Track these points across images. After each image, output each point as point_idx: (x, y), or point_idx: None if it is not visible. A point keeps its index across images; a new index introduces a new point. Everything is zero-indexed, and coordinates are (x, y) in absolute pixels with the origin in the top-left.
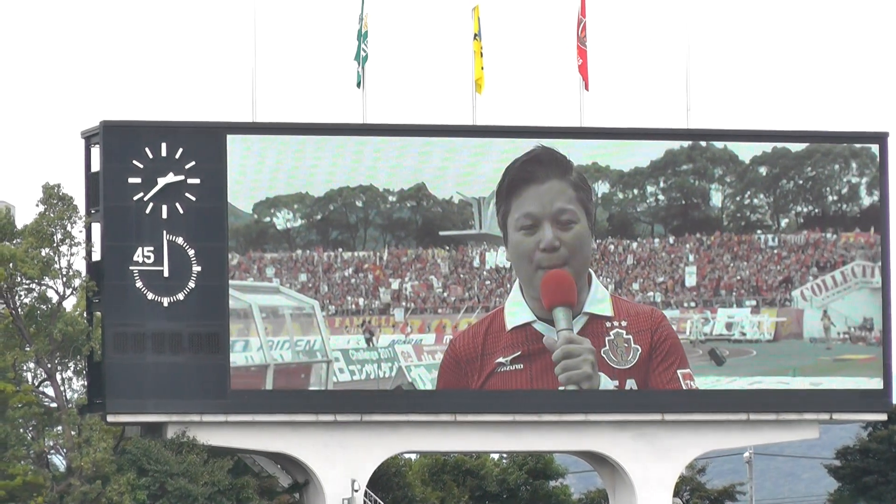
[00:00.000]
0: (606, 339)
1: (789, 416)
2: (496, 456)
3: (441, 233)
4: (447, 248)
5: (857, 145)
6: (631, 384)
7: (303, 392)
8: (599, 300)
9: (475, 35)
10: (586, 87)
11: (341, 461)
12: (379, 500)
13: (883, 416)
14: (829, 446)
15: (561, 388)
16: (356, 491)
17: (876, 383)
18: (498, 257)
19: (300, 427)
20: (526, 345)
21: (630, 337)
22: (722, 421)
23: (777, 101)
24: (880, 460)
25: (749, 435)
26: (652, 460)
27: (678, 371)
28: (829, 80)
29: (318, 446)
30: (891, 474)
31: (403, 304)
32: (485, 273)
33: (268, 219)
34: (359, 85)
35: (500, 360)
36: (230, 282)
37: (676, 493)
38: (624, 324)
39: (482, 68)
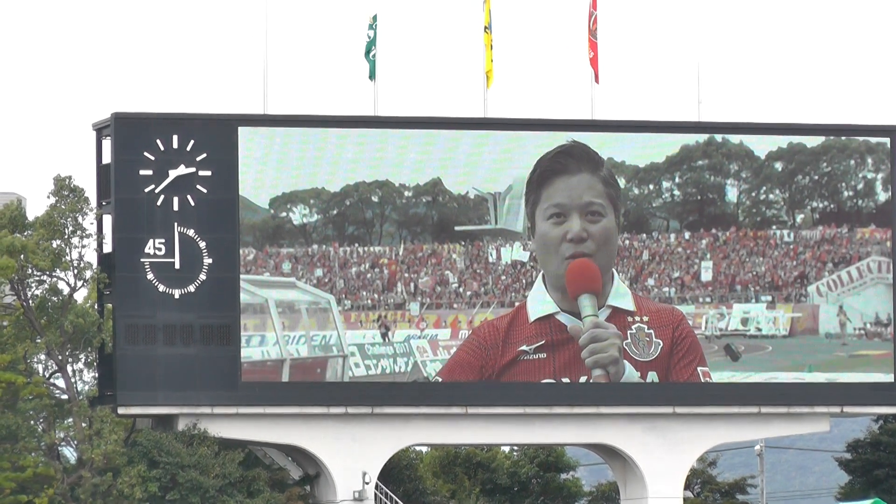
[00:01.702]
0: (629, 332)
1: (800, 410)
2: (507, 448)
3: (457, 228)
4: (463, 243)
5: (873, 140)
6: (652, 376)
7: (314, 384)
8: (622, 295)
9: (486, 27)
10: (597, 80)
11: (352, 453)
12: (390, 493)
13: (894, 410)
14: (840, 439)
15: (582, 379)
16: (367, 483)
17: (888, 377)
18: (514, 252)
19: (311, 419)
20: (549, 335)
21: (651, 331)
22: (733, 414)
23: (790, 95)
24: (891, 453)
25: (760, 428)
26: (663, 453)
27: (698, 368)
28: (843, 74)
29: (329, 439)
30: None
31: (419, 298)
32: (500, 268)
33: (284, 214)
34: (371, 77)
35: (524, 347)
36: (246, 276)
37: (687, 486)
38: (646, 319)
39: (492, 61)
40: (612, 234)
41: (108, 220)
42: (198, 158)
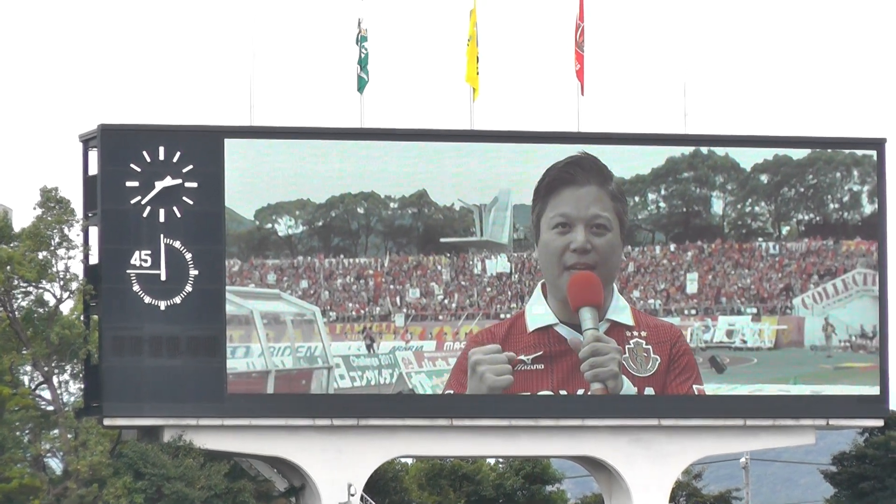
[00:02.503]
0: (627, 347)
1: (786, 422)
2: (492, 461)
3: (442, 240)
4: (448, 254)
5: (859, 153)
6: (649, 391)
7: (299, 396)
8: (621, 309)
9: (469, 38)
10: (582, 92)
11: (338, 465)
12: None
13: (879, 422)
14: (826, 452)
15: (580, 392)
16: (352, 495)
17: (873, 390)
18: (499, 264)
19: (297, 431)
20: (548, 346)
21: (650, 347)
22: (719, 426)
23: (775, 107)
24: (877, 466)
25: (746, 440)
26: (648, 465)
27: (694, 386)
28: (828, 87)
29: (315, 450)
30: (887, 480)
31: (404, 310)
32: (486, 280)
33: (269, 225)
34: (360, 90)
35: (522, 357)
36: (232, 288)
37: (673, 499)
38: (644, 334)
39: (477, 73)
40: (616, 248)
41: (94, 231)
42: (184, 170)
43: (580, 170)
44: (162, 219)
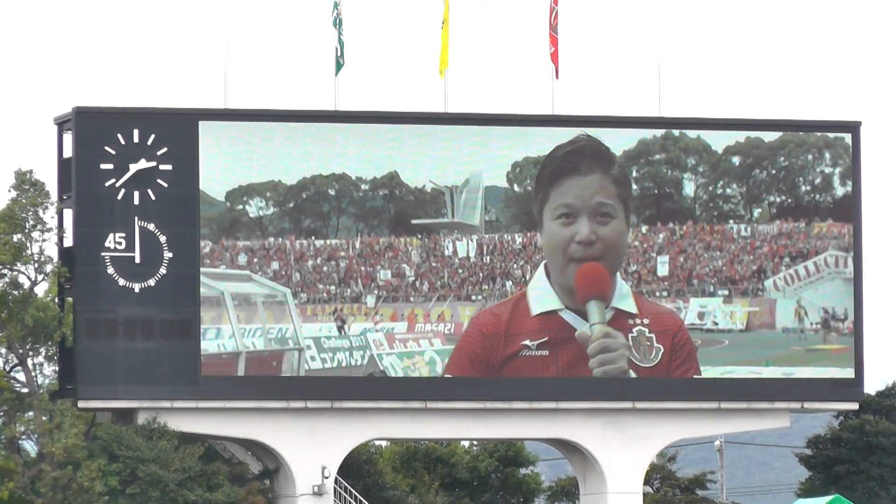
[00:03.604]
0: (629, 335)
1: (761, 405)
2: (467, 443)
3: (413, 221)
4: (419, 236)
5: (831, 135)
6: None
7: (273, 378)
8: (624, 296)
9: (443, 22)
10: (557, 75)
11: (312, 448)
12: (349, 487)
13: (854, 406)
14: (801, 435)
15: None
16: (326, 478)
17: (848, 373)
18: (470, 246)
19: (270, 414)
20: (553, 332)
21: (653, 336)
22: (693, 409)
23: (751, 90)
24: (852, 449)
25: (720, 423)
26: (622, 448)
27: (694, 377)
28: (804, 70)
29: (289, 433)
30: (862, 464)
31: (375, 292)
32: (457, 262)
33: (240, 206)
34: (337, 73)
35: (527, 342)
36: (203, 269)
37: (647, 481)
38: (646, 321)
39: (448, 56)
40: (622, 235)
41: (68, 214)
42: (158, 153)
43: (582, 158)
44: (136, 201)
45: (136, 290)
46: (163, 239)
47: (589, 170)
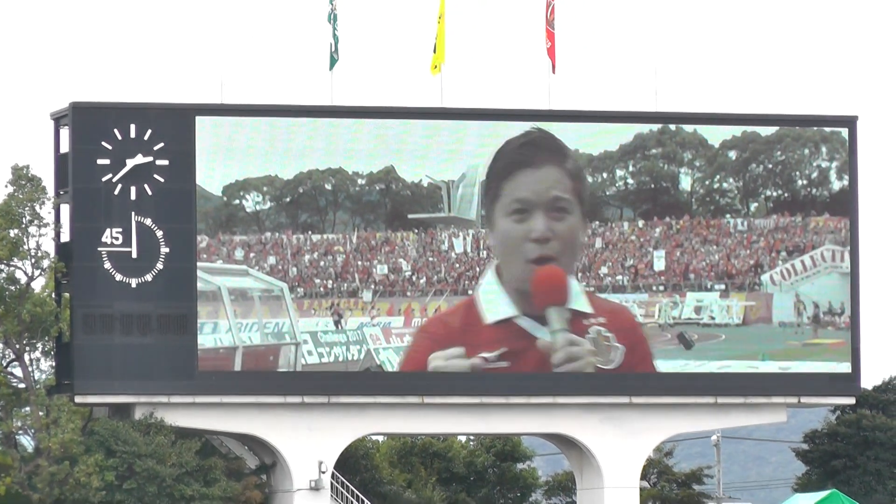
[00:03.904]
0: (587, 336)
1: (757, 400)
2: (464, 438)
3: (410, 216)
4: (416, 231)
5: (828, 129)
6: None
7: (270, 373)
8: (577, 295)
9: (440, 17)
10: (553, 70)
11: (309, 443)
12: (346, 482)
13: (851, 400)
14: (798, 430)
15: None
16: (323, 473)
17: (844, 367)
18: (467, 241)
19: (267, 409)
20: (511, 342)
21: (611, 335)
22: (690, 404)
23: (747, 85)
24: (848, 444)
25: (717, 418)
26: (619, 443)
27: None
28: (800, 65)
29: (286, 428)
30: (858, 458)
31: (372, 286)
32: (453, 256)
33: (237, 201)
34: (332, 68)
35: (485, 354)
36: (200, 264)
37: (644, 476)
38: (602, 321)
39: (444, 51)
40: (577, 232)
41: (65, 209)
42: (155, 148)
43: (536, 150)
44: (133, 196)
45: (133, 285)
46: (159, 234)
47: (543, 162)
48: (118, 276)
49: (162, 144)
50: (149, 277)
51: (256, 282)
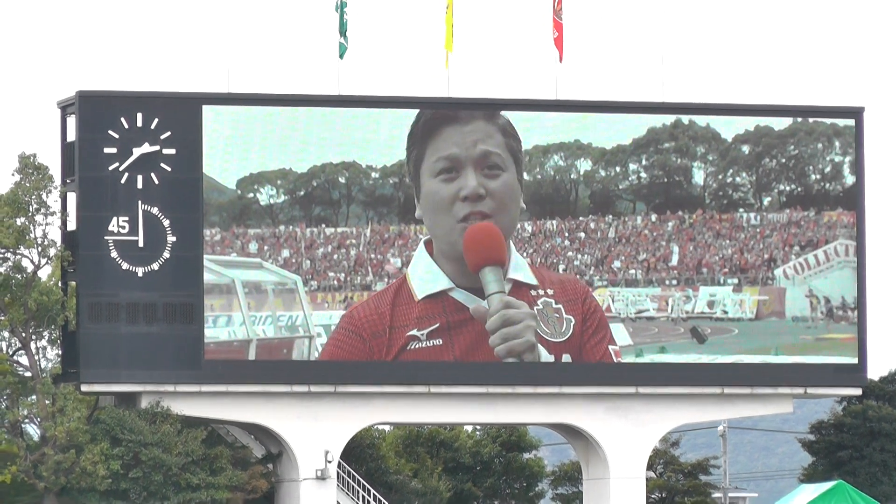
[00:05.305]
0: (535, 308)
1: (764, 390)
2: (470, 428)
3: None
4: None
5: (841, 124)
6: (567, 358)
7: (277, 363)
8: (520, 266)
9: (448, 6)
10: (560, 60)
11: (315, 432)
12: (352, 471)
13: (858, 391)
14: (804, 421)
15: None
16: (329, 462)
17: (851, 358)
18: None
19: (274, 398)
20: (444, 316)
21: (560, 307)
22: (696, 394)
23: (755, 76)
24: (854, 435)
25: (723, 408)
26: (626, 433)
27: (609, 347)
28: (808, 57)
29: (292, 417)
30: (865, 449)
31: (386, 279)
32: None
33: (251, 194)
34: (342, 56)
35: (414, 332)
36: (213, 257)
37: (650, 467)
38: (550, 292)
39: (452, 40)
40: (515, 191)
41: (72, 197)
42: (162, 137)
43: (461, 106)
44: (140, 185)
45: (140, 273)
46: (166, 223)
47: (470, 117)
48: (124, 265)
49: (169, 133)
50: (155, 266)
51: (270, 275)
